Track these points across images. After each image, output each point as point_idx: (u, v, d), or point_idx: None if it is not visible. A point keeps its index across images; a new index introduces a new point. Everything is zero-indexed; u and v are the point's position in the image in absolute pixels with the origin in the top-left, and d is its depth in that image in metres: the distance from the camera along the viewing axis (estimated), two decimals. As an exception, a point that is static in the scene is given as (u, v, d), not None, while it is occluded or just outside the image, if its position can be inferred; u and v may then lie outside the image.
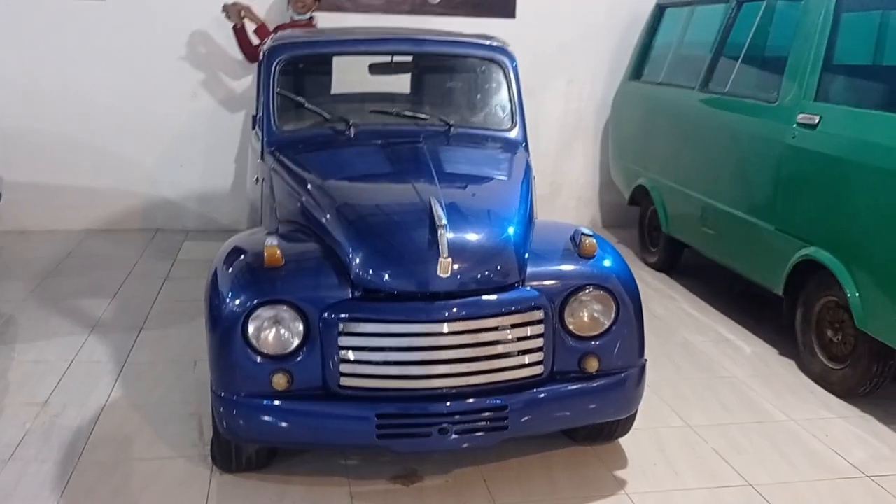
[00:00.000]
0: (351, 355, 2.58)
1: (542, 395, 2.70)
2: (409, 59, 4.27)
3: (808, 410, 3.57)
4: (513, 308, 2.64)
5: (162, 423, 3.30)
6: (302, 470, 2.97)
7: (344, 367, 2.59)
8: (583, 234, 2.88)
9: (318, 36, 3.92)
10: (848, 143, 3.57)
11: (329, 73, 4.26)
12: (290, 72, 3.85)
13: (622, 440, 3.19)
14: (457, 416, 2.61)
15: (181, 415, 3.37)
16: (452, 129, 3.65)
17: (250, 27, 5.62)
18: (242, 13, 5.52)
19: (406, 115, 3.72)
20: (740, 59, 4.59)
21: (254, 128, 4.58)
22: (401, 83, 4.51)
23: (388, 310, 2.58)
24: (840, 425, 3.45)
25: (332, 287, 2.64)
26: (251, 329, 2.60)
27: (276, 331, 2.61)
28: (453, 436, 2.62)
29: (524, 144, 3.77)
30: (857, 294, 3.47)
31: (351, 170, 3.25)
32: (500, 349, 2.63)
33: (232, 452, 2.85)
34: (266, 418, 2.65)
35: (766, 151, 4.13)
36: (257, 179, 3.71)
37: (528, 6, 6.36)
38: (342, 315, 2.57)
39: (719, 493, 2.93)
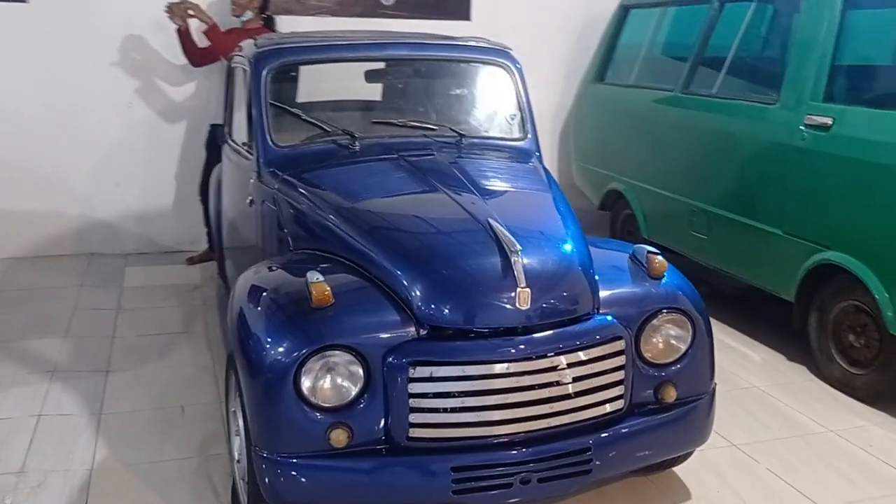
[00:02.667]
0: (422, 403, 2.27)
1: (625, 432, 2.47)
2: (390, 64, 3.93)
3: (840, 419, 3.48)
4: (596, 339, 2.39)
5: (165, 487, 2.88)
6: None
7: (413, 417, 2.28)
8: (648, 252, 2.66)
9: (307, 41, 3.55)
10: (867, 145, 3.51)
11: (304, 81, 3.89)
12: (278, 81, 3.48)
13: (676, 468, 3.00)
14: (539, 463, 2.34)
15: (185, 474, 2.96)
16: (464, 139, 3.38)
17: (195, 29, 5.15)
18: (190, 12, 5.04)
19: (414, 125, 3.41)
20: (728, 61, 4.49)
21: (223, 141, 4.19)
22: (377, 90, 4.20)
23: (465, 350, 2.28)
24: (878, 433, 3.37)
25: (394, 326, 2.32)
26: (304, 380, 2.25)
27: (332, 379, 2.28)
28: (536, 485, 2.35)
29: (538, 154, 3.53)
30: (889, 299, 3.40)
31: (381, 188, 2.92)
32: (582, 385, 2.38)
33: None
34: (323, 481, 2.31)
35: (768, 154, 4.04)
36: (251, 201, 3.32)
37: (483, 8, 6.14)
38: (411, 358, 2.26)
39: (794, 519, 2.78)
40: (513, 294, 2.32)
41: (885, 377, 3.53)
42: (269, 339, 2.32)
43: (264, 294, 2.52)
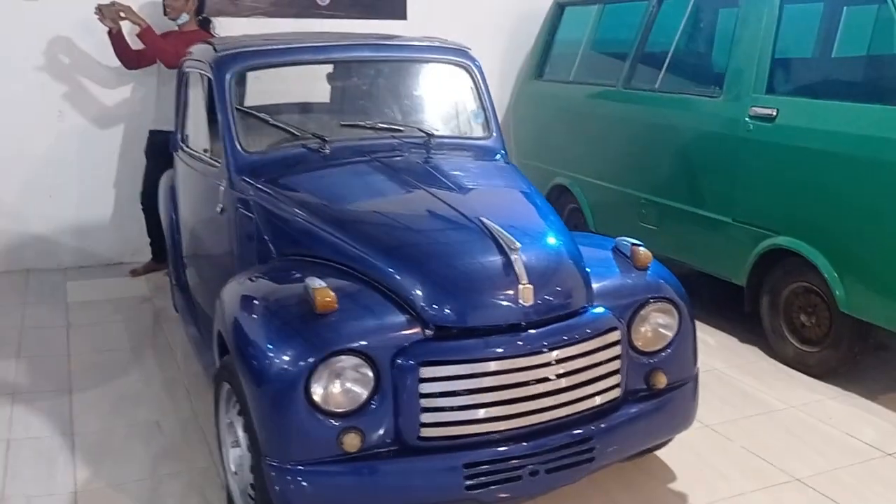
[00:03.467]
0: (433, 402, 2.30)
1: (623, 419, 2.55)
2: (351, 66, 3.92)
3: (799, 395, 3.67)
4: (595, 331, 2.46)
5: (157, 499, 2.82)
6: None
7: (425, 417, 2.30)
8: (633, 244, 2.76)
9: (268, 44, 3.50)
10: (811, 134, 3.70)
11: (261, 84, 3.84)
12: (240, 85, 3.43)
13: (657, 452, 3.11)
14: (546, 455, 2.40)
15: (175, 490, 2.91)
16: (432, 140, 3.41)
17: (128, 31, 5.00)
18: (122, 14, 4.88)
19: (383, 127, 3.42)
20: (669, 56, 4.65)
21: (176, 148, 4.11)
22: (323, 92, 4.18)
23: (474, 348, 2.31)
24: (835, 406, 3.57)
25: (401, 327, 2.34)
26: (315, 387, 2.24)
27: (342, 384, 2.28)
28: (544, 475, 2.41)
29: (504, 152, 3.59)
30: (839, 279, 3.60)
31: (367, 190, 2.92)
32: (584, 376, 2.45)
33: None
34: (337, 487, 2.31)
35: (715, 145, 4.20)
36: (221, 209, 3.26)
37: (418, 8, 6.17)
38: (421, 359, 2.28)
39: (774, 492, 2.92)
40: (515, 291, 2.37)
41: (837, 353, 3.73)
42: (276, 348, 2.30)
43: (262, 303, 2.49)
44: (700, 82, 4.48)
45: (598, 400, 2.50)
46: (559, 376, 2.40)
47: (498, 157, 3.55)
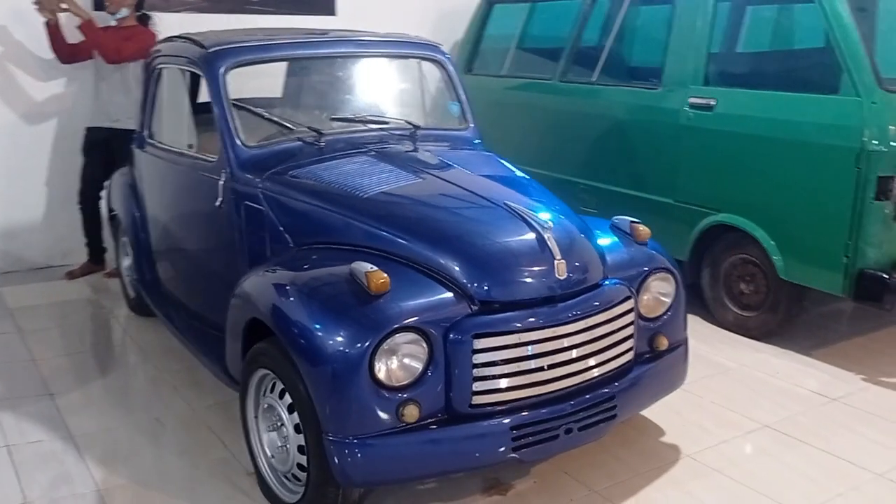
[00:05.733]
0: (484, 372, 2.48)
1: (636, 378, 2.83)
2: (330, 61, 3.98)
3: (746, 356, 4.08)
4: (615, 300, 2.72)
5: (190, 495, 2.85)
6: (395, 505, 2.79)
7: (476, 385, 2.49)
8: (632, 222, 3.03)
9: (253, 39, 3.54)
10: (749, 121, 4.11)
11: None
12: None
13: (644, 412, 3.41)
14: (578, 414, 2.64)
15: (201, 480, 2.94)
16: (418, 131, 3.57)
17: (67, 23, 4.85)
18: (63, 5, 4.73)
19: (372, 120, 3.55)
20: (606, 50, 4.98)
21: (141, 145, 4.07)
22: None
23: (520, 319, 2.51)
24: (778, 363, 4.00)
25: (450, 304, 2.51)
26: (377, 363, 2.38)
27: (400, 359, 2.43)
28: (576, 433, 2.64)
29: (480, 142, 3.80)
30: (777, 249, 4.03)
31: (386, 179, 3.02)
32: (608, 341, 2.71)
33: (343, 501, 2.58)
34: (395, 457, 2.45)
35: (655, 133, 4.57)
36: (220, 203, 3.29)
37: (347, 3, 6.26)
38: (473, 332, 2.46)
39: (750, 438, 3.28)
40: (551, 266, 2.58)
41: (775, 316, 4.17)
42: (336, 329, 2.41)
43: (310, 289, 2.59)
44: (638, 75, 4.83)
45: (619, 361, 2.76)
46: (588, 342, 2.64)
47: (480, 146, 3.76)
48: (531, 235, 2.63)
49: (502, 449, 2.53)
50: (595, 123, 4.98)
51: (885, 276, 3.67)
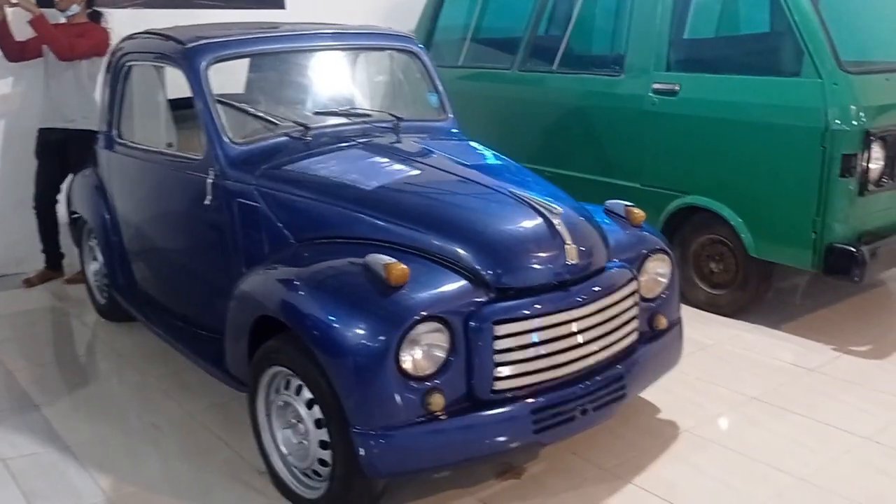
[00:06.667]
0: (505, 357, 2.52)
1: (641, 358, 2.91)
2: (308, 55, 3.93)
3: (720, 332, 4.22)
4: (620, 282, 2.79)
5: (202, 497, 2.81)
6: (415, 496, 2.79)
7: (498, 371, 2.52)
8: (626, 206, 3.11)
9: (234, 34, 3.47)
10: (712, 105, 4.25)
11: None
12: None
13: (634, 390, 3.51)
14: (593, 395, 2.70)
15: (212, 482, 2.90)
16: (401, 123, 3.58)
17: (15, 20, 4.67)
18: (13, 1, 4.55)
19: (356, 113, 3.54)
20: (565, 39, 5.06)
21: (110, 145, 3.96)
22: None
23: (539, 304, 2.56)
24: (752, 338, 4.16)
25: (468, 292, 2.53)
26: (404, 354, 2.40)
27: (424, 349, 2.44)
28: (591, 413, 2.71)
29: (460, 132, 3.83)
30: (746, 227, 4.18)
31: (386, 172, 3.02)
32: (617, 322, 2.78)
33: (368, 493, 2.58)
34: (422, 445, 2.47)
35: (619, 119, 4.68)
36: (209, 202, 3.22)
37: (296, -4, 6.20)
38: (494, 318, 2.50)
39: (741, 410, 3.41)
40: (563, 252, 2.64)
41: (745, 293, 4.33)
42: (359, 322, 2.41)
43: (326, 282, 2.58)
44: (600, 63, 4.93)
45: (626, 341, 2.84)
46: (598, 324, 2.71)
47: (462, 136, 3.79)
48: (542, 222, 2.67)
49: (525, 432, 2.58)
50: (556, 112, 5.06)
51: (852, 249, 3.85)
